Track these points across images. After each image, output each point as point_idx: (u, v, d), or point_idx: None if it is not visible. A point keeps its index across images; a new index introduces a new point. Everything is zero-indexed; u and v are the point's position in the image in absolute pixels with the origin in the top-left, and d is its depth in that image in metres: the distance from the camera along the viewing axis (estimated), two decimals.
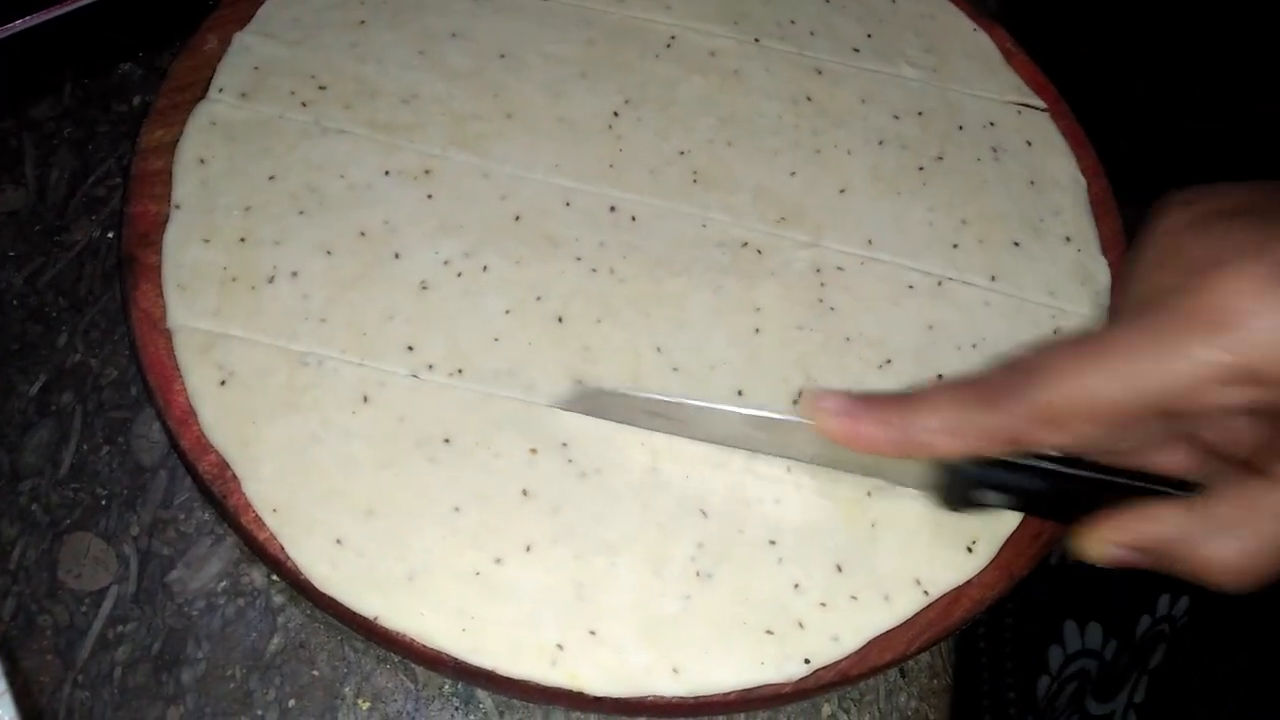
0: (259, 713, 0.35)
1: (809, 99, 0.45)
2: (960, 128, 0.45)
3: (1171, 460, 0.32)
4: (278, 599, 0.36)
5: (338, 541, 0.34)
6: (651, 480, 0.36)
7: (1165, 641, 0.40)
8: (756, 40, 0.46)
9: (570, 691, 0.33)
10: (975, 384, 0.31)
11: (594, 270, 0.40)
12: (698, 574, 0.35)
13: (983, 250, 0.42)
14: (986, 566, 0.36)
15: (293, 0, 0.44)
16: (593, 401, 0.36)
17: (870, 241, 0.42)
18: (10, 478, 0.37)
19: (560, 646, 0.33)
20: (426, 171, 0.41)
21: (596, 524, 0.35)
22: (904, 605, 0.35)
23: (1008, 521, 0.36)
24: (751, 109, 0.44)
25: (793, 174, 0.43)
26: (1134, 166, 0.47)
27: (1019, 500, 0.33)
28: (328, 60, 0.43)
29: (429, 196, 0.40)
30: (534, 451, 0.36)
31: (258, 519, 0.34)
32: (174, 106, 0.41)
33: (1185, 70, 0.51)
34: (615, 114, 0.43)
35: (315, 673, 0.35)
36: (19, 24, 0.41)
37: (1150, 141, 0.50)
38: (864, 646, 0.34)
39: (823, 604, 0.35)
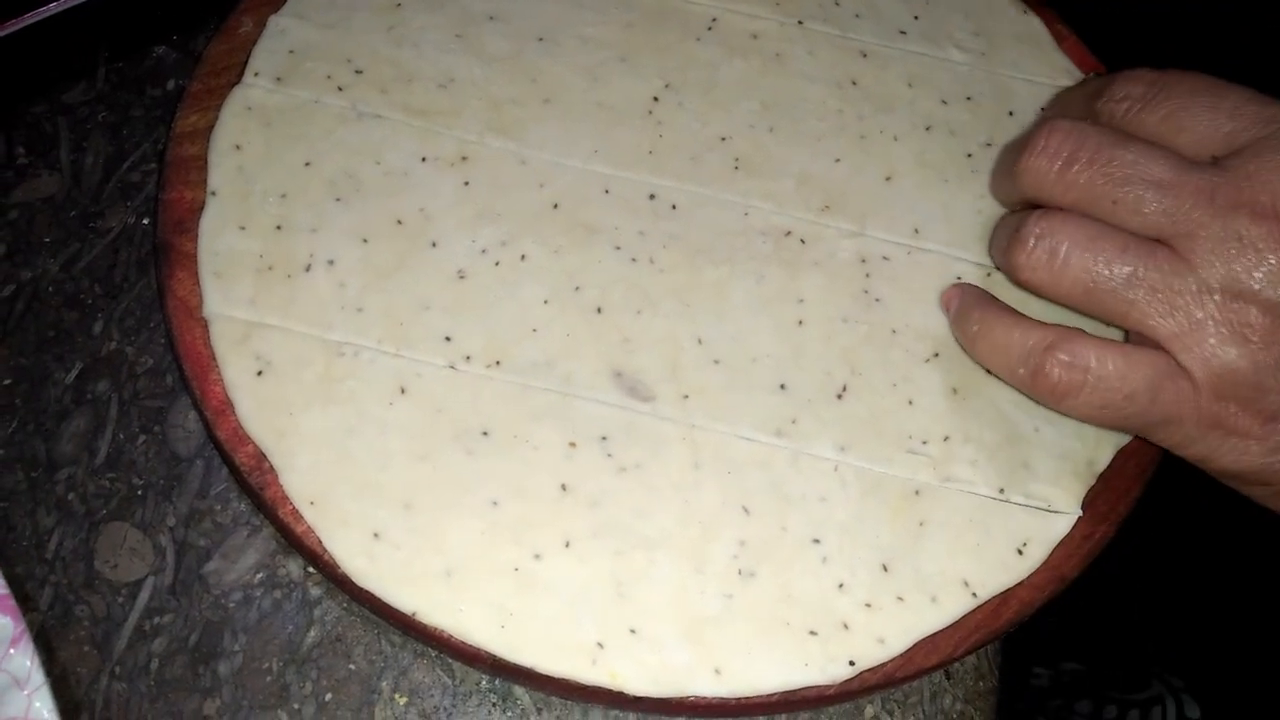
0: (295, 706, 0.34)
1: (854, 83, 0.44)
2: (1010, 113, 0.44)
3: None
4: (314, 591, 0.36)
5: (375, 535, 0.34)
6: (693, 476, 0.35)
7: None
8: (800, 22, 0.45)
9: (610, 690, 0.32)
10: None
11: (634, 260, 0.39)
12: (740, 572, 0.34)
13: None
14: (1038, 569, 0.35)
15: None
16: None
17: (917, 231, 0.41)
18: (47, 467, 0.37)
19: (600, 645, 0.33)
20: (463, 158, 0.40)
21: (636, 520, 0.35)
22: (951, 607, 0.34)
23: (1060, 523, 0.36)
24: (794, 93, 0.43)
25: (837, 160, 0.42)
26: None
27: None
28: (363, 43, 0.42)
29: (466, 184, 0.40)
30: (573, 445, 0.36)
31: (295, 511, 0.34)
32: (209, 91, 0.41)
33: (1240, 55, 0.49)
34: (655, 99, 0.42)
35: (352, 666, 0.35)
36: (52, 7, 0.40)
37: None
38: (910, 648, 0.33)
39: (868, 605, 0.34)
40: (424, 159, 0.40)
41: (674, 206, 0.40)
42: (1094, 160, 0.33)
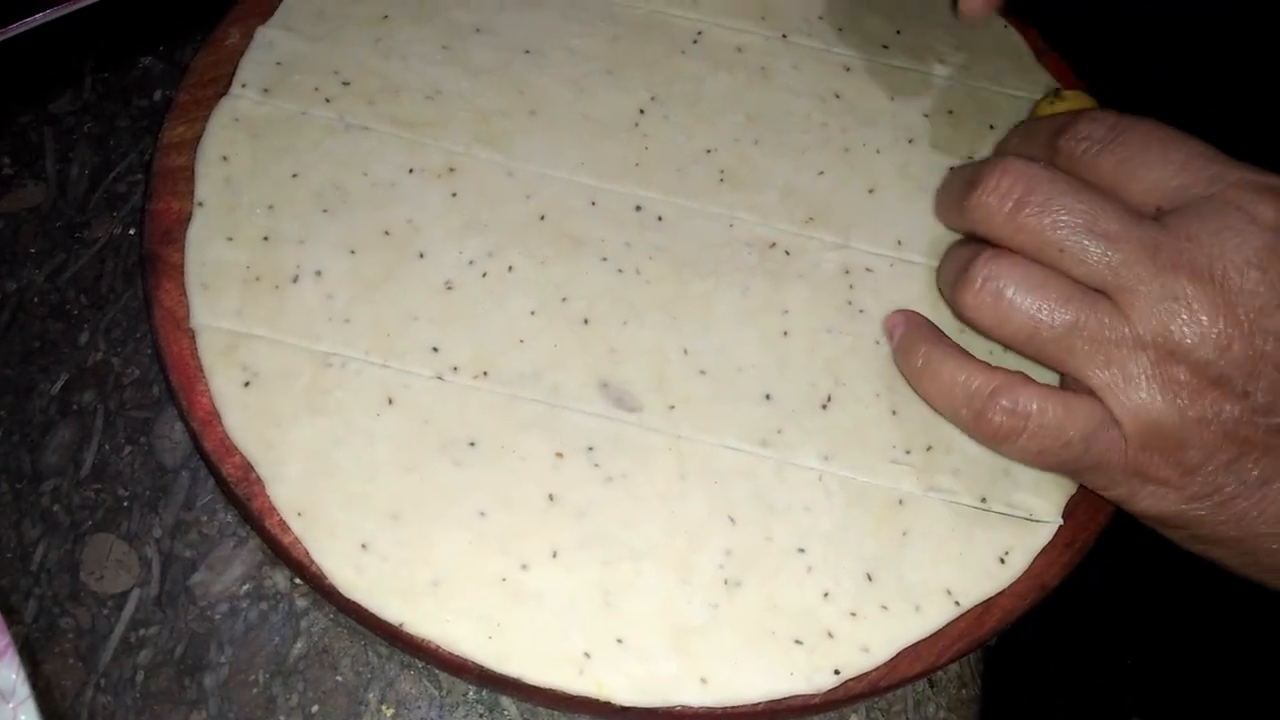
0: (282, 718, 0.34)
1: (837, 96, 0.44)
2: (991, 127, 0.44)
3: None
4: (301, 603, 0.36)
5: (363, 546, 0.34)
6: (679, 486, 0.36)
7: None
8: (784, 36, 0.45)
9: (597, 701, 0.33)
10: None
11: (620, 271, 0.39)
12: (725, 582, 0.34)
13: None
14: (1019, 577, 0.35)
15: None
16: None
17: (900, 242, 0.41)
18: (32, 478, 0.37)
19: (587, 655, 0.33)
20: (450, 169, 0.40)
21: (623, 530, 0.35)
22: (935, 616, 0.34)
23: (1042, 532, 0.36)
24: (779, 106, 0.44)
25: (821, 173, 0.42)
26: None
27: None
28: (351, 55, 0.42)
29: (453, 195, 0.40)
30: (560, 455, 0.36)
31: (282, 523, 0.34)
32: (196, 102, 0.41)
33: (1218, 72, 0.50)
34: (641, 111, 0.43)
35: (339, 678, 0.35)
36: (39, 17, 0.40)
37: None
38: (894, 657, 0.34)
39: (853, 614, 0.34)
40: (411, 170, 0.40)
41: (660, 218, 0.41)
42: (1044, 207, 0.33)
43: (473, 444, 0.36)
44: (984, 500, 0.36)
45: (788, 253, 0.40)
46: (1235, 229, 0.32)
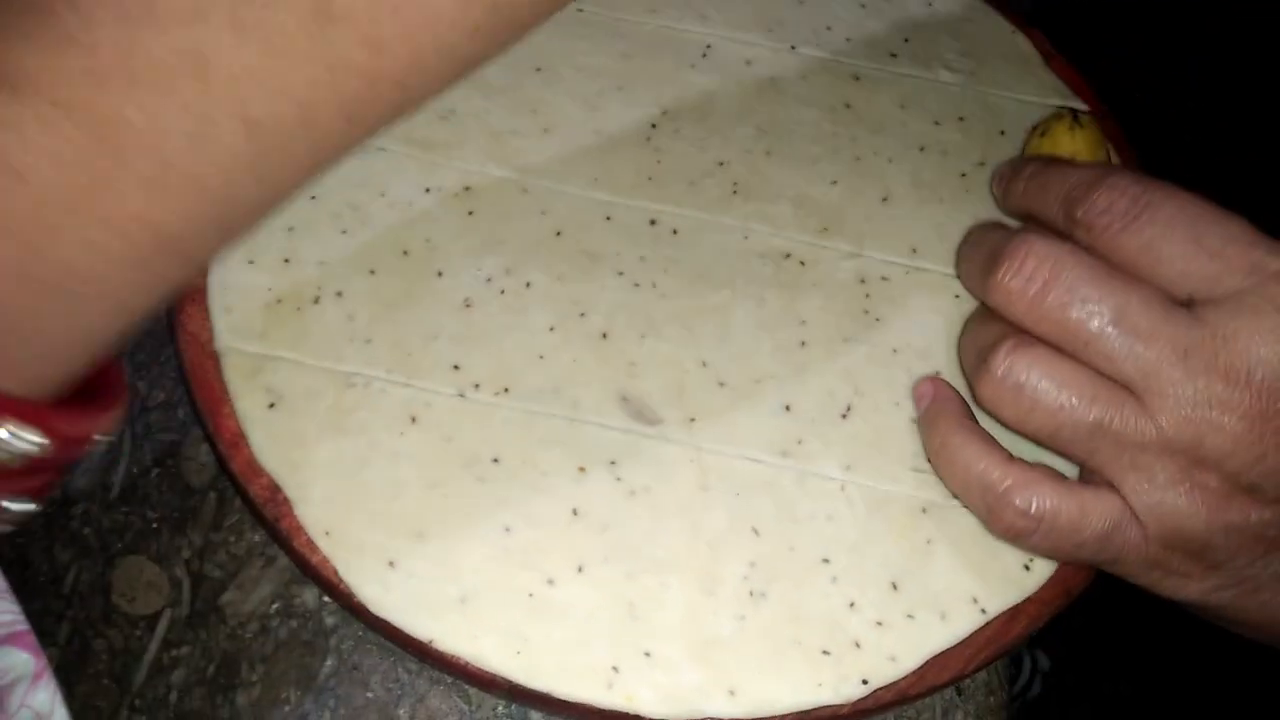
0: None
1: (847, 106, 0.45)
2: (1001, 132, 0.45)
3: None
4: (329, 620, 0.36)
5: (390, 564, 0.34)
6: (701, 498, 0.36)
7: None
8: (793, 47, 0.46)
9: (626, 714, 0.33)
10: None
11: (636, 285, 0.40)
12: (751, 593, 0.35)
13: None
14: (1045, 583, 0.35)
15: None
16: None
17: (914, 250, 0.41)
18: (62, 502, 0.37)
19: (615, 668, 0.33)
20: (466, 188, 0.41)
21: (647, 543, 0.35)
22: (961, 623, 0.34)
23: None
24: (789, 117, 0.44)
25: (833, 183, 0.43)
26: (1175, 168, 0.46)
27: None
28: None
29: (469, 213, 0.40)
30: (582, 470, 0.36)
31: (310, 542, 0.34)
32: None
33: (1224, 70, 0.50)
34: (653, 126, 0.43)
35: (369, 694, 0.35)
36: None
37: (1191, 142, 0.50)
38: (922, 666, 0.34)
39: (879, 623, 0.34)
40: (428, 190, 0.41)
41: (675, 231, 0.41)
42: (1069, 296, 0.32)
43: (496, 460, 0.36)
44: None
45: (803, 263, 0.41)
46: (1276, 331, 0.30)
